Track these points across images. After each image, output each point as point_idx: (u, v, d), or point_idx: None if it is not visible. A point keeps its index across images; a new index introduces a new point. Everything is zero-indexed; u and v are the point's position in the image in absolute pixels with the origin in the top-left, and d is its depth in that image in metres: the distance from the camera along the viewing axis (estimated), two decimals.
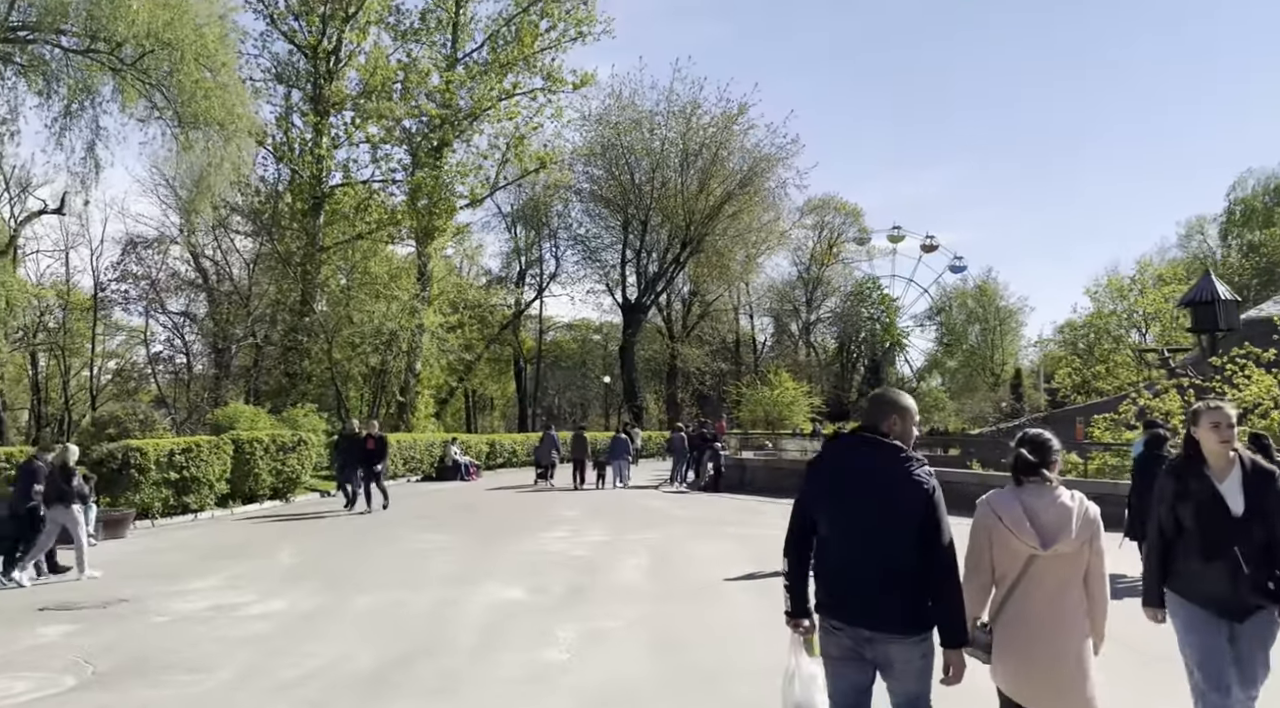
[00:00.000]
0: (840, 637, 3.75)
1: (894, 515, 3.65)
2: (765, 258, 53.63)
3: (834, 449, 3.98)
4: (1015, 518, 3.85)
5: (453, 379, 37.92)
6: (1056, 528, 3.80)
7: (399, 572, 11.40)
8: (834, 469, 3.86)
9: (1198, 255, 59.12)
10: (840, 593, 3.76)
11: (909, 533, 3.64)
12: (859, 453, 3.82)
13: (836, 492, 3.78)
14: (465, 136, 33.91)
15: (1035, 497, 3.90)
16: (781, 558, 3.98)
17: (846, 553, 3.73)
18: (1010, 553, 3.87)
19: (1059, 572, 3.83)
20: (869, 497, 3.68)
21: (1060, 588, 3.84)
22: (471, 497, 21.87)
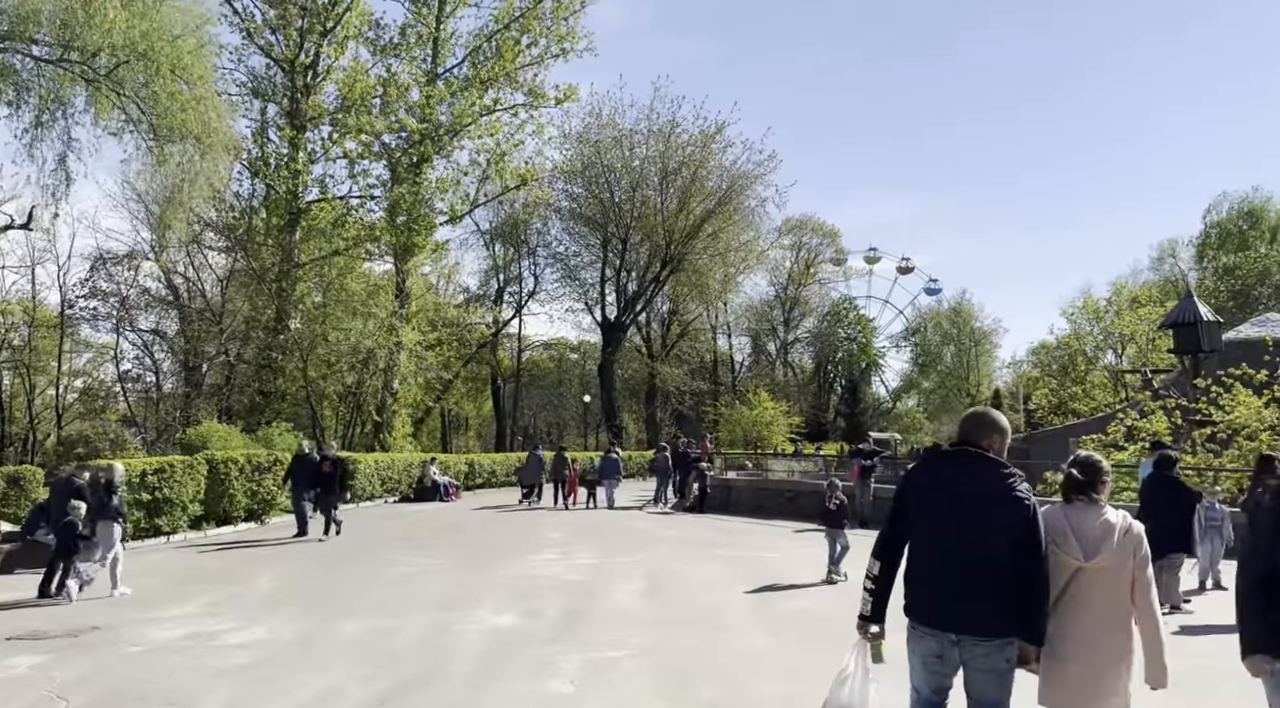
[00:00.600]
0: (929, 641, 3.92)
1: (994, 528, 3.82)
2: (744, 277, 53.64)
3: (936, 461, 4.19)
4: (1061, 532, 4.06)
5: (430, 398, 37.35)
6: (1099, 542, 4.00)
7: (385, 596, 10.96)
8: (936, 480, 4.05)
9: (1170, 278, 59.83)
10: (933, 598, 3.92)
11: (1006, 545, 3.81)
12: (962, 466, 3.99)
13: (938, 502, 3.95)
14: (446, 152, 33.57)
15: (1081, 514, 4.11)
16: (871, 559, 4.12)
17: (943, 560, 3.89)
18: (1057, 566, 4.03)
19: (1103, 586, 3.99)
20: (971, 508, 3.85)
21: (1105, 602, 3.99)
22: (453, 518, 21.37)
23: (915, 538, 4.02)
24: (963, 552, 3.85)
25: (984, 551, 3.83)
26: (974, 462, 3.96)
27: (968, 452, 4.01)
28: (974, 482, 3.91)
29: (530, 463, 26.46)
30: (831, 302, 67.93)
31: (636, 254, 46.87)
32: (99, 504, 11.55)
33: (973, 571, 3.83)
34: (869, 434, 52.19)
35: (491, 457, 35.04)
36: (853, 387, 66.20)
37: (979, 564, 3.82)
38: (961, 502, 3.89)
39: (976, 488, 3.89)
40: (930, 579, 3.95)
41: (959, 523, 3.86)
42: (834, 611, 9.80)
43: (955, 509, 3.89)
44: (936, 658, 3.94)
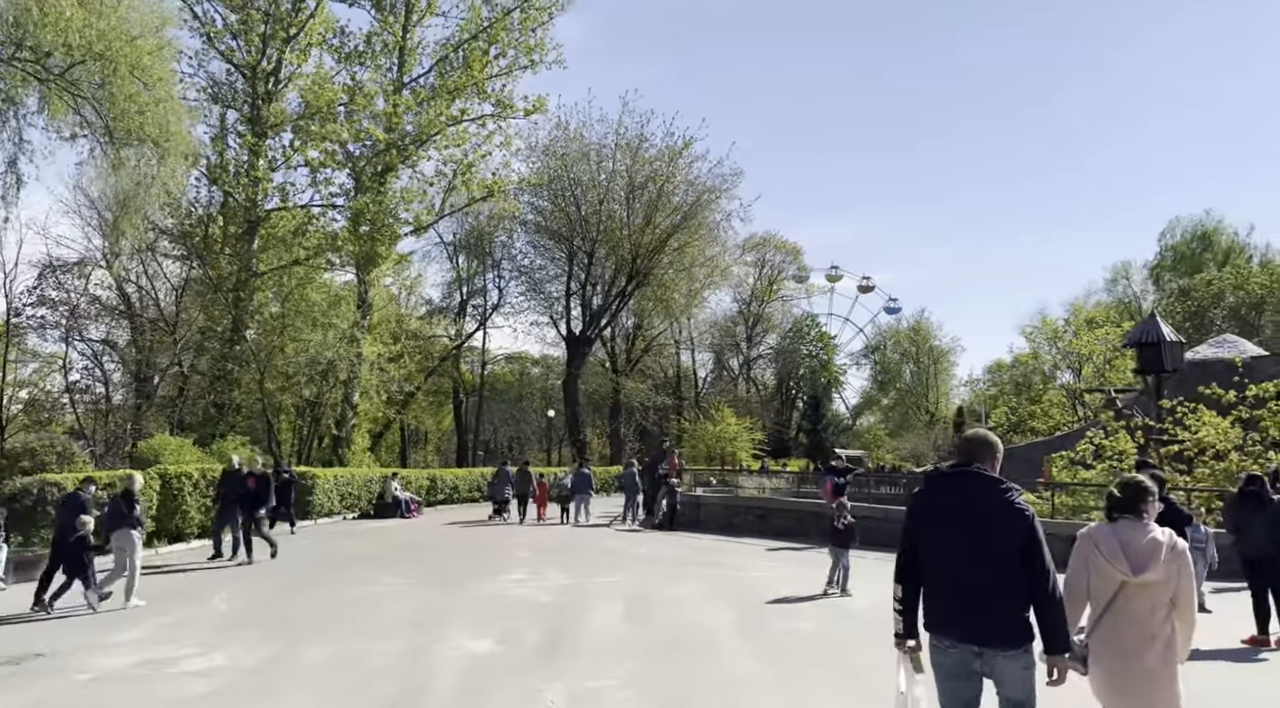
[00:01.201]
0: (952, 654, 4.13)
1: (998, 540, 4.05)
2: (710, 292, 53.48)
3: (940, 482, 4.38)
4: (1111, 549, 4.37)
5: (391, 412, 36.57)
6: (1146, 558, 4.29)
7: (351, 619, 10.46)
8: (941, 501, 4.28)
9: (1123, 299, 60.89)
10: (951, 613, 4.13)
11: (1012, 556, 4.03)
12: (963, 486, 4.24)
13: (945, 520, 4.20)
14: (411, 162, 33.03)
15: (1129, 531, 4.42)
16: (894, 584, 4.37)
17: (956, 575, 4.12)
18: (1105, 579, 4.37)
19: (1147, 597, 4.29)
20: (975, 524, 4.09)
21: (1149, 611, 4.29)
22: (416, 535, 20.78)
23: (929, 557, 4.23)
24: (974, 566, 4.07)
25: (993, 564, 4.05)
26: (974, 481, 4.23)
27: (968, 472, 4.27)
28: (976, 499, 4.16)
29: (499, 479, 26.08)
30: (794, 318, 68.19)
31: (602, 268, 46.51)
32: (118, 514, 11.63)
33: (985, 583, 4.05)
34: (837, 452, 52.31)
35: (454, 472, 34.36)
36: (815, 403, 66.36)
37: (990, 577, 4.04)
38: (967, 519, 4.13)
39: (979, 505, 4.14)
40: (947, 595, 4.16)
41: (966, 539, 4.10)
42: (823, 635, 9.52)
43: (961, 527, 4.12)
44: (960, 670, 4.14)
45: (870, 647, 8.97)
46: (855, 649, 8.89)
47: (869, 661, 8.42)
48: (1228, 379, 30.46)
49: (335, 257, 33.66)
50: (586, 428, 48.57)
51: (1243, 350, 32.94)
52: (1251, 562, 9.13)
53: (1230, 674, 8.16)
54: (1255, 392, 18.52)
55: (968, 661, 4.09)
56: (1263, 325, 45.41)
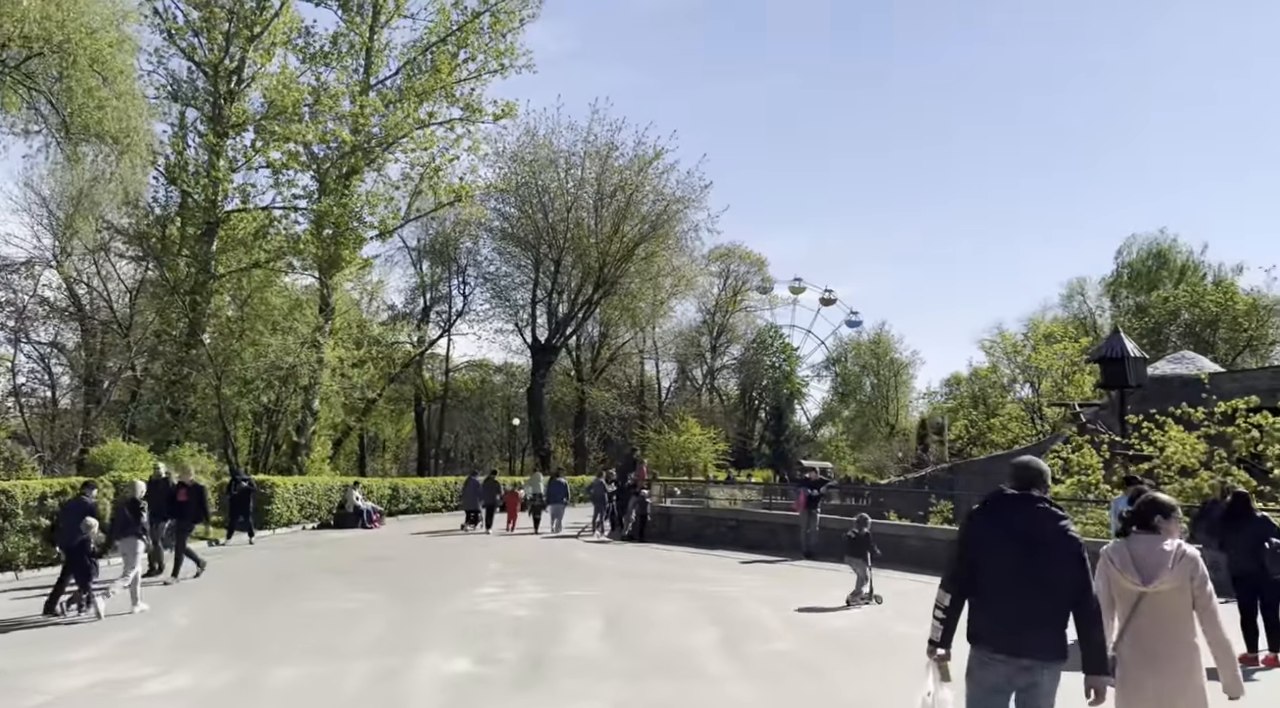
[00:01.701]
0: (998, 666, 4.32)
1: (1052, 564, 4.29)
2: (676, 302, 53.39)
3: (1001, 503, 4.54)
4: (1123, 561, 4.65)
5: (352, 419, 35.88)
6: (1155, 568, 4.50)
7: (318, 636, 10.05)
8: (999, 522, 4.48)
9: (1079, 315, 61.80)
10: (1003, 628, 4.31)
11: (1062, 579, 4.28)
12: (1024, 509, 4.45)
13: (1003, 541, 4.40)
14: (377, 165, 32.51)
15: (1140, 544, 4.66)
16: (941, 592, 4.56)
17: (1011, 594, 4.31)
18: (1123, 592, 4.61)
19: (1165, 607, 4.47)
20: (1033, 547, 4.32)
21: (1169, 620, 4.46)
22: (380, 547, 20.28)
23: (983, 573, 4.42)
24: (1029, 586, 4.28)
25: (1047, 586, 4.28)
26: (1032, 505, 4.44)
27: (1028, 496, 4.48)
28: (1032, 523, 4.39)
29: (469, 488, 25.81)
30: (757, 329, 68.37)
31: (569, 276, 46.16)
32: (124, 521, 11.68)
33: (1036, 602, 4.28)
34: (802, 462, 52.31)
35: (417, 481, 33.74)
36: (778, 414, 66.54)
37: (1041, 597, 4.28)
38: (1023, 541, 4.35)
39: (1035, 529, 4.37)
40: (1000, 610, 4.35)
41: (1024, 561, 4.31)
42: (806, 656, 9.31)
43: (1020, 549, 4.34)
44: (1000, 684, 4.34)
45: (857, 669, 8.80)
46: (843, 673, 8.70)
47: (860, 686, 8.24)
48: (1186, 395, 30.93)
49: (297, 260, 33.01)
50: (551, 437, 48.09)
51: (1200, 367, 33.53)
52: (1237, 578, 9.09)
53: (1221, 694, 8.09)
54: (1224, 408, 18.66)
55: (1010, 674, 4.30)
56: (1217, 342, 46.29)
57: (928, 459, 48.65)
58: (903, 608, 12.66)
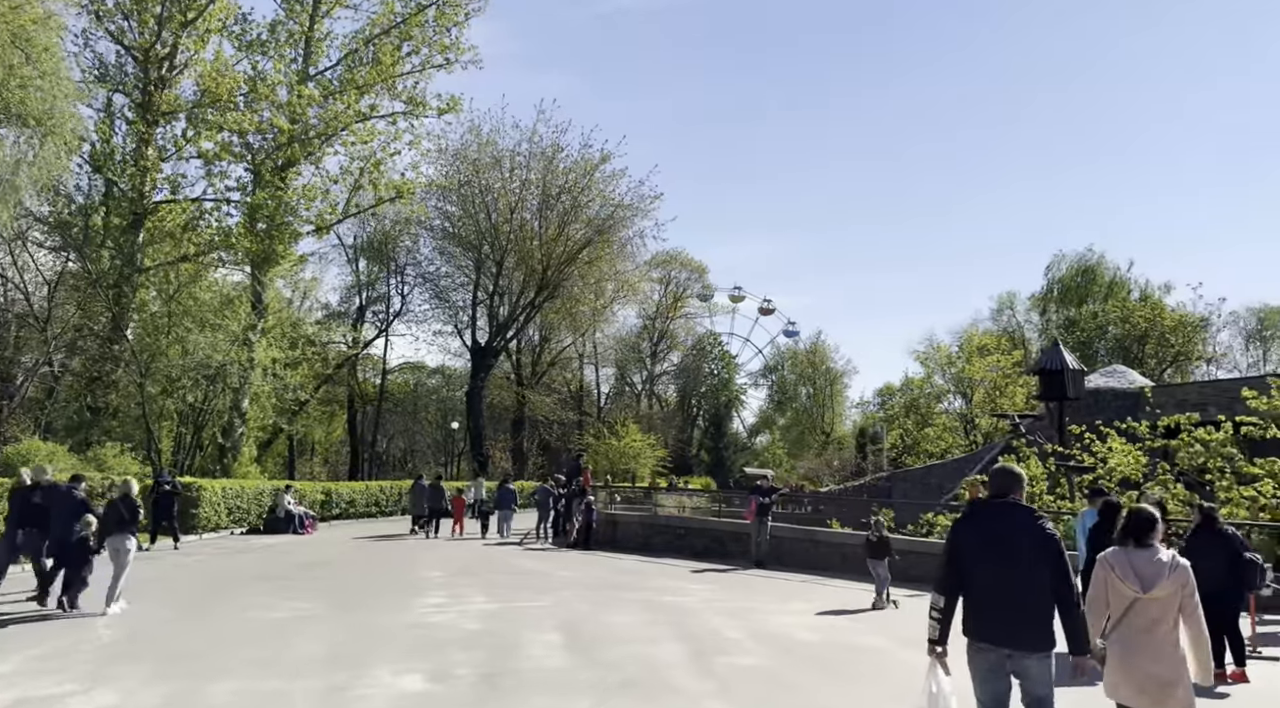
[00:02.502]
0: (989, 655, 4.81)
1: (1033, 561, 4.76)
2: (619, 307, 52.94)
3: (984, 510, 5.07)
4: (1124, 570, 5.09)
5: (283, 421, 34.62)
6: (1153, 577, 5.02)
7: (256, 649, 9.39)
8: (985, 526, 4.97)
9: (1008, 329, 63.14)
10: (990, 621, 4.80)
11: (1045, 573, 4.75)
12: (1005, 513, 4.96)
13: (988, 543, 4.86)
14: (315, 158, 31.47)
15: (1137, 555, 5.14)
16: (935, 595, 5.00)
17: (996, 589, 4.78)
18: (1118, 595, 5.09)
19: (1153, 611, 5.01)
20: (1015, 547, 4.80)
21: (1156, 622, 4.99)
22: (316, 553, 19.44)
23: (971, 573, 4.88)
24: (1011, 582, 4.76)
25: (1028, 580, 4.75)
26: (1012, 509, 4.98)
27: (1006, 502, 5.00)
28: (1015, 525, 4.89)
29: (416, 492, 25.33)
30: (697, 336, 68.35)
31: (510, 278, 45.32)
32: (118, 518, 11.70)
33: (1020, 597, 4.74)
34: (745, 470, 52.39)
35: (350, 486, 32.71)
36: (717, 421, 66.55)
37: (1025, 592, 4.75)
38: (1006, 542, 4.83)
39: (1018, 530, 4.87)
40: (989, 606, 4.81)
41: (1006, 559, 4.79)
42: (783, 671, 8.98)
43: (1004, 549, 4.82)
44: (995, 670, 4.82)
45: (833, 686, 8.49)
46: (819, 690, 8.39)
47: (837, 702, 7.94)
48: (1119, 407, 31.60)
49: (228, 254, 31.81)
50: (489, 441, 47.20)
51: (1132, 380, 34.34)
52: (1207, 595, 9.00)
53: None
54: (1167, 422, 18.93)
55: (1001, 661, 4.79)
56: (1145, 357, 47.61)
57: (867, 468, 49.04)
58: (865, 618, 12.47)
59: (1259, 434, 17.81)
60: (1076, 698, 6.21)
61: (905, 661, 9.48)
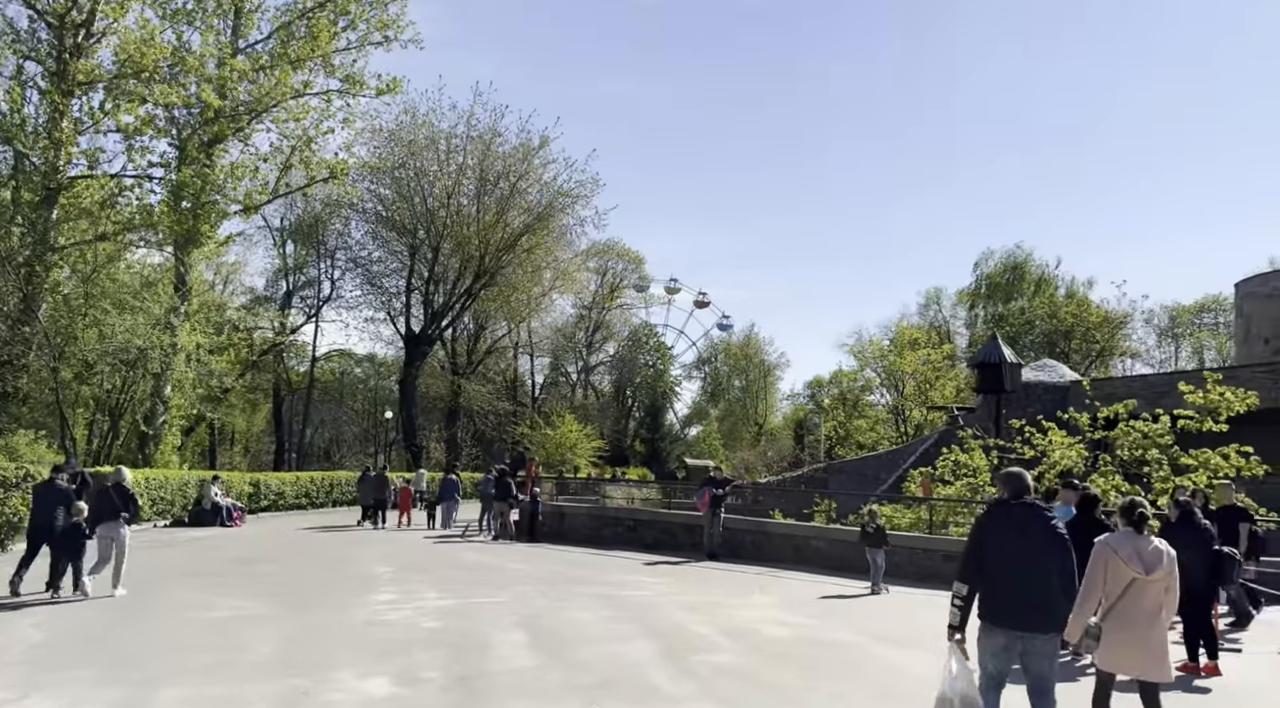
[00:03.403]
0: (1003, 637, 5.34)
1: (1046, 554, 5.34)
2: (558, 296, 52.22)
3: (1004, 509, 5.58)
4: (1128, 554, 5.77)
5: (208, 408, 33.20)
6: (1154, 562, 5.76)
7: (203, 653, 8.74)
8: (1005, 522, 5.49)
9: (934, 323, 64.43)
10: (1009, 607, 5.32)
11: (1053, 565, 5.33)
12: (1021, 512, 5.49)
13: (1008, 538, 5.41)
14: (244, 134, 30.11)
15: (1138, 541, 5.89)
16: (957, 583, 5.53)
17: (1014, 580, 5.32)
18: (1119, 577, 5.75)
19: (1149, 591, 5.73)
20: (1030, 542, 5.36)
21: (1154, 598, 5.74)
22: (249, 547, 18.57)
23: (991, 563, 5.42)
24: (1026, 572, 5.33)
25: (1041, 571, 5.33)
26: (1030, 509, 5.52)
27: (1024, 502, 5.55)
28: (1030, 522, 5.44)
29: (365, 483, 24.77)
30: (632, 327, 68.01)
31: (447, 265, 44.20)
32: (110, 506, 11.87)
33: (1034, 586, 5.32)
34: (686, 461, 52.27)
35: (280, 476, 31.54)
36: (654, 412, 66.38)
37: (1038, 581, 5.32)
38: (1023, 537, 5.40)
39: (1032, 527, 5.42)
40: (1008, 594, 5.34)
41: (1023, 552, 5.36)
42: (760, 669, 8.70)
43: (1022, 544, 5.38)
44: (1005, 649, 5.37)
45: (813, 684, 8.24)
46: (799, 688, 8.13)
47: (822, 703, 7.69)
48: (1050, 400, 32.26)
49: (150, 234, 30.28)
50: (422, 431, 46.13)
51: (1062, 374, 35.19)
52: (1185, 589, 8.99)
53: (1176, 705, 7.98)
54: (1106, 413, 19.27)
55: (1013, 642, 5.34)
56: (1071, 352, 48.92)
57: (805, 459, 49.45)
58: (828, 613, 12.30)
59: (1194, 427, 18.22)
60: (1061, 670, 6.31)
61: (880, 657, 9.35)
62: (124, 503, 12.00)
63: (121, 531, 11.89)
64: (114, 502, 11.92)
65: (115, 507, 11.88)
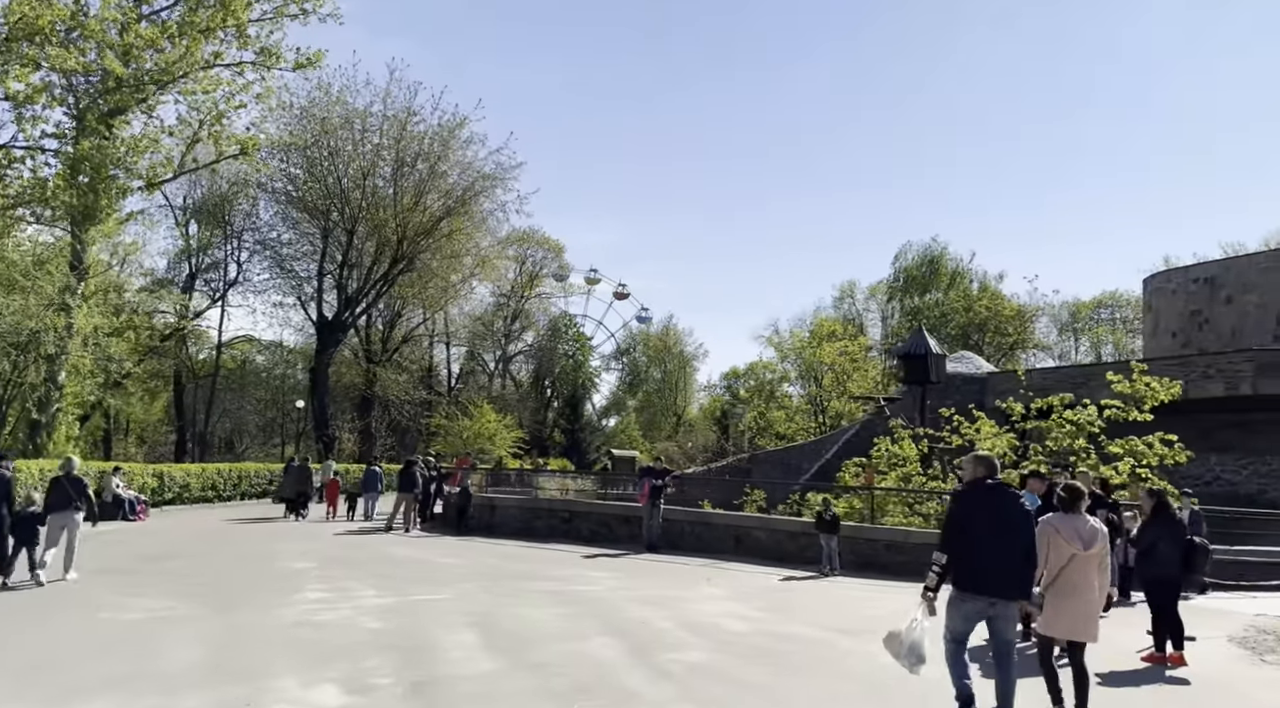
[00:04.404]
0: (975, 603, 6.11)
1: (1014, 530, 6.15)
2: (478, 283, 50.95)
3: (978, 489, 6.35)
4: (1069, 532, 6.53)
5: (109, 395, 31.24)
6: (1091, 538, 6.53)
7: (121, 660, 7.92)
8: (979, 501, 6.29)
9: (848, 316, 65.49)
10: (983, 576, 6.08)
11: (1020, 540, 6.14)
12: (993, 493, 6.33)
13: (981, 515, 6.19)
14: (148, 106, 28.29)
15: (1076, 520, 6.64)
16: (938, 553, 6.30)
17: (986, 551, 6.07)
18: (1060, 552, 6.50)
19: (1089, 564, 6.50)
20: (1001, 519, 6.16)
21: (1086, 574, 6.50)
22: (158, 542, 17.37)
23: (967, 537, 6.19)
24: (998, 546, 6.08)
25: (1010, 545, 6.10)
26: (1000, 489, 6.43)
27: (996, 483, 6.44)
28: (1002, 502, 6.29)
29: (290, 474, 23.84)
30: (552, 317, 67.19)
31: (362, 249, 42.57)
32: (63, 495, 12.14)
33: (1004, 558, 6.07)
34: (612, 451, 51.70)
35: (185, 468, 29.88)
36: (574, 403, 65.71)
37: (1008, 554, 6.09)
38: (996, 515, 6.19)
39: (1003, 506, 6.26)
40: (978, 563, 6.11)
41: (998, 529, 6.13)
42: (732, 667, 8.31)
43: (994, 520, 6.16)
44: (977, 613, 6.15)
45: (794, 682, 7.89)
46: (782, 687, 7.79)
47: (808, 701, 7.35)
48: (969, 391, 32.88)
49: (44, 209, 28.24)
50: (336, 423, 44.47)
51: (978, 366, 35.96)
52: (1158, 580, 8.94)
53: (1163, 698, 7.91)
54: (1040, 404, 19.56)
55: (983, 608, 6.12)
56: (985, 345, 50.18)
57: (729, 449, 49.55)
58: (782, 606, 12.03)
59: (1122, 417, 18.64)
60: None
61: (851, 650, 9.03)
62: (78, 493, 12.27)
63: (76, 517, 12.19)
64: (68, 491, 12.19)
65: (69, 496, 12.15)
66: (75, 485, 12.35)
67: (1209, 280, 32.51)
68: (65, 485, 12.27)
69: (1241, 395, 23.94)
